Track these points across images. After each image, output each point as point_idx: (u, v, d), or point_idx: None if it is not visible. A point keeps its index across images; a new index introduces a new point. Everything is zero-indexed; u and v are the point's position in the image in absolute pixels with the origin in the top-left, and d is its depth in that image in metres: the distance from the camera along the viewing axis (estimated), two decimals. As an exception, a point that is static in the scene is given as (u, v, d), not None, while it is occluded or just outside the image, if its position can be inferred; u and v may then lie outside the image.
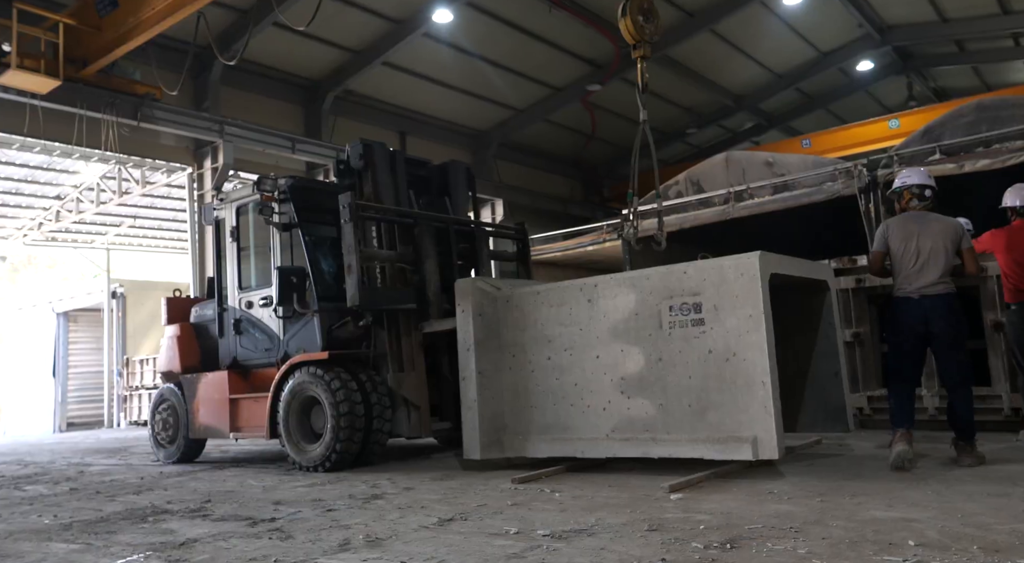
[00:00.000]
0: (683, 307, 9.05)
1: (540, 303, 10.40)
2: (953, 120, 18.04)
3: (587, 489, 8.49)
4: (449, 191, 13.48)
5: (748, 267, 8.63)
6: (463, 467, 10.83)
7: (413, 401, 11.53)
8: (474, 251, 13.46)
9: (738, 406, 8.52)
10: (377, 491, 9.23)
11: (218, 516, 8.10)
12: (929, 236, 9.32)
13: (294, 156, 25.37)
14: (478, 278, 11.60)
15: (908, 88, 36.47)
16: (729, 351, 8.64)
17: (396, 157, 12.82)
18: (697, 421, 8.84)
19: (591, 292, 9.92)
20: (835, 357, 10.13)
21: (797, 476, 8.64)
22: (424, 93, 29.78)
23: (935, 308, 9.16)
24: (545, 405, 10.21)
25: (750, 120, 38.45)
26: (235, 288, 13.40)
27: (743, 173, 21.69)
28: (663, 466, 9.60)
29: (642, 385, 9.34)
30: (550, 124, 34.49)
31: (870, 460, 9.56)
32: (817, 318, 10.29)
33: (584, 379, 9.88)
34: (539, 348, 10.32)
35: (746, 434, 8.40)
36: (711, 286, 8.87)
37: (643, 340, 9.36)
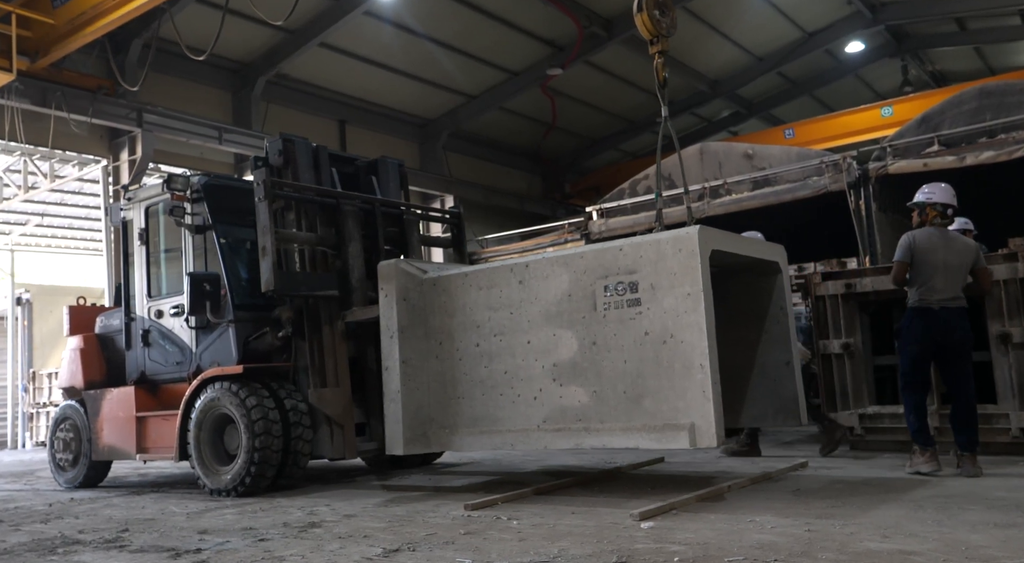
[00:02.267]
0: (619, 286, 9.16)
1: (468, 286, 10.45)
2: (953, 107, 18.09)
3: (548, 516, 8.43)
4: (380, 189, 13.46)
5: (687, 242, 8.74)
6: (386, 489, 10.83)
7: (336, 419, 11.46)
8: (403, 236, 13.42)
9: (675, 392, 8.64)
10: (314, 518, 9.14)
11: (136, 547, 7.98)
12: (953, 253, 10.29)
13: (221, 147, 25.19)
14: (403, 260, 11.48)
15: (903, 72, 36.69)
16: (666, 333, 8.76)
17: (320, 153, 12.81)
18: (633, 408, 8.96)
19: (522, 273, 10.00)
20: (787, 345, 10.44)
21: (781, 503, 8.60)
22: (366, 78, 29.69)
23: (953, 320, 10.15)
24: (473, 395, 10.28)
25: (727, 108, 38.63)
26: (144, 296, 13.32)
27: (719, 166, 21.76)
28: (632, 491, 9.59)
29: (575, 372, 9.43)
30: (506, 112, 34.51)
31: (863, 485, 9.51)
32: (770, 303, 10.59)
33: (515, 366, 9.96)
34: (467, 334, 10.39)
35: (683, 421, 8.53)
36: (648, 263, 8.96)
37: (576, 323, 9.46)
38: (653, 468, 12.01)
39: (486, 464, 13.82)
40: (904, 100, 29.81)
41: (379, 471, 13.57)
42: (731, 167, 21.36)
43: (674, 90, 35.33)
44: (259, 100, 27.19)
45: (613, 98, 35.14)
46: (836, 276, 12.97)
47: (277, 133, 13.17)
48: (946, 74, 38.09)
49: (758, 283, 10.57)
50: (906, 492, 8.86)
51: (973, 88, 18.72)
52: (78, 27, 19.22)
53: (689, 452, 13.29)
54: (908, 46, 35.49)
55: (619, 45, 30.26)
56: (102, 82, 22.23)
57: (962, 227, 13.78)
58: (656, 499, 8.84)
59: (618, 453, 13.52)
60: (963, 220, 13.82)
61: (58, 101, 21.45)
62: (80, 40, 19.52)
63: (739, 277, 10.49)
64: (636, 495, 9.38)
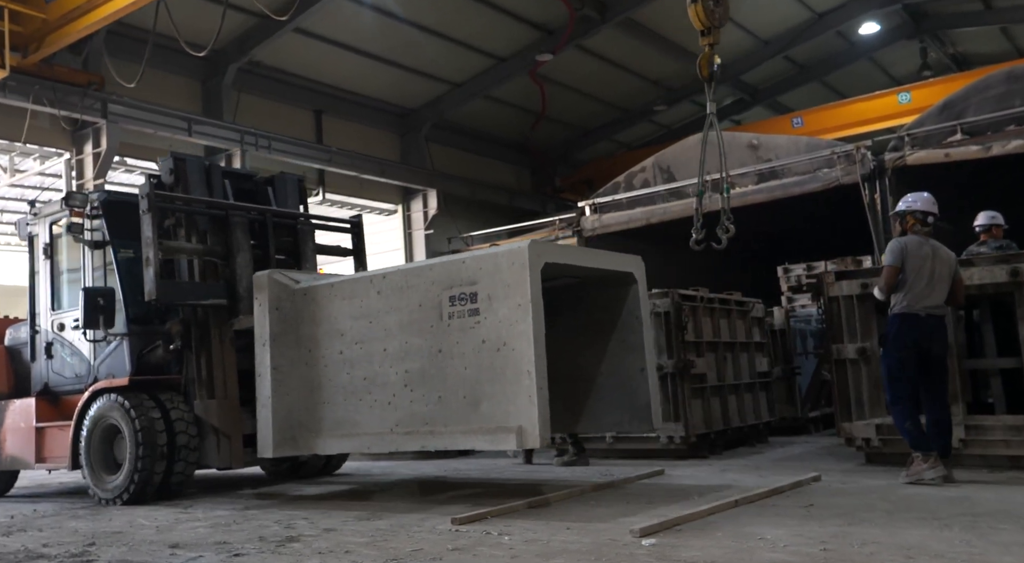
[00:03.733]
0: (461, 297, 10.19)
1: (334, 296, 11.53)
2: (978, 93, 18.00)
3: (541, 531, 8.41)
4: (277, 201, 14.35)
5: (519, 256, 9.75)
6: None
7: (223, 430, 12.49)
8: (297, 246, 14.28)
9: (507, 396, 9.64)
10: (292, 532, 9.16)
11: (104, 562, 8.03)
12: (940, 262, 10.96)
13: (191, 139, 24.97)
14: (276, 270, 12.48)
15: (922, 55, 36.36)
16: (500, 341, 9.77)
17: (212, 171, 13.65)
18: (471, 412, 9.99)
19: (380, 284, 11.07)
20: (641, 352, 11.28)
21: (793, 519, 8.52)
22: (344, 65, 29.56)
23: (938, 328, 10.95)
24: (336, 400, 11.31)
25: (730, 95, 38.53)
26: (48, 309, 14.21)
27: (722, 158, 21.78)
28: (631, 505, 9.55)
29: (424, 378, 10.48)
30: (492, 101, 34.40)
31: (881, 501, 9.41)
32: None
33: (373, 373, 10.99)
34: (332, 342, 11.42)
35: (513, 424, 9.53)
36: (486, 276, 9.99)
37: (426, 332, 10.50)
38: (652, 481, 11.98)
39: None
40: (923, 85, 29.74)
41: (279, 479, 14.71)
42: (734, 159, 21.28)
43: (672, 76, 35.42)
44: (230, 89, 27.07)
45: (607, 85, 35.08)
46: (851, 275, 12.76)
47: (251, 124, 13.45)
48: (969, 57, 37.87)
49: (617, 293, 11.44)
50: (930, 509, 8.74)
51: (1000, 71, 18.61)
52: (70, 21, 19.65)
53: (692, 464, 13.35)
54: (927, 26, 35.24)
55: (614, 28, 30.22)
56: (92, 77, 22.31)
57: (990, 222, 13.80)
58: (657, 514, 8.83)
59: (614, 467, 13.52)
60: (992, 214, 13.82)
61: (49, 98, 21.61)
62: (73, 35, 20.00)
63: (598, 287, 11.50)
64: (635, 509, 9.37)
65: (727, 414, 15.49)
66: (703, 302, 15.32)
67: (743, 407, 16.06)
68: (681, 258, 28.35)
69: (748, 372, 16.40)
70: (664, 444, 14.31)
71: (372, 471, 15.27)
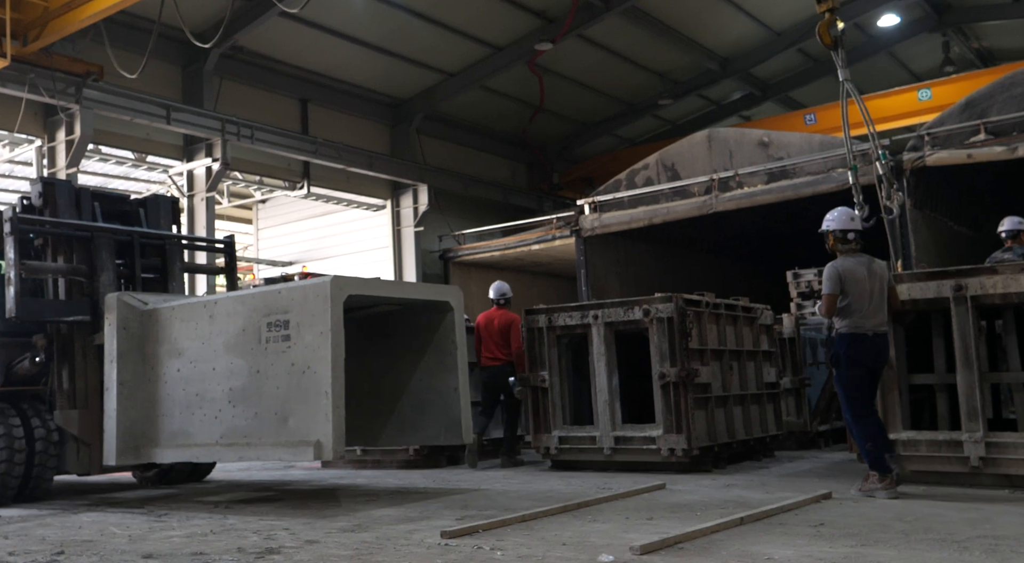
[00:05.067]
0: (276, 324, 11.77)
1: (175, 318, 13.11)
2: (1003, 90, 17.94)
3: (536, 547, 8.39)
4: (148, 222, 15.52)
5: (322, 289, 11.31)
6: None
7: (84, 438, 13.69)
8: (165, 265, 15.49)
9: (309, 414, 11.19)
10: (272, 543, 9.15)
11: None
12: (876, 278, 11.58)
13: (169, 127, 25.08)
14: (126, 293, 13.97)
15: (944, 49, 36.31)
16: (306, 364, 11.34)
17: (82, 195, 14.82)
18: (281, 427, 11.53)
19: (212, 308, 12.68)
20: (455, 373, 13.01)
21: (802, 539, 8.49)
22: (332, 52, 29.57)
23: (884, 345, 11.64)
24: (173, 413, 12.85)
25: (739, 89, 38.63)
26: None
27: (729, 156, 21.81)
28: (630, 520, 9.52)
29: (245, 395, 12.01)
30: (488, 92, 34.44)
31: (896, 521, 9.38)
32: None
33: (204, 389, 12.50)
34: (172, 360, 13.00)
35: (312, 438, 11.09)
36: (297, 305, 11.59)
37: (247, 354, 12.06)
38: (653, 495, 11.94)
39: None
40: (945, 82, 29.71)
41: (148, 485, 15.82)
42: (743, 156, 21.37)
43: (679, 68, 35.46)
44: (212, 76, 27.08)
45: (609, 77, 35.10)
46: None
47: (233, 112, 13.69)
48: (995, 52, 37.86)
49: (440, 319, 13.21)
50: (949, 530, 8.69)
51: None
52: (72, 9, 20.08)
53: (695, 478, 13.36)
54: (951, 19, 35.09)
55: (618, 17, 30.22)
56: (91, 67, 22.46)
57: (1016, 227, 13.83)
58: (658, 531, 8.81)
59: (613, 480, 13.51)
60: (1018, 219, 13.84)
61: (48, 87, 21.95)
62: (75, 24, 20.48)
63: (421, 314, 13.33)
64: (634, 525, 9.35)
65: (732, 426, 15.43)
66: (709, 308, 15.27)
67: (749, 419, 16.00)
68: (685, 261, 28.59)
69: (755, 382, 16.32)
70: (665, 457, 14.25)
71: (356, 480, 15.26)
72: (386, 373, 13.58)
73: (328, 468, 17.62)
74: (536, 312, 15.74)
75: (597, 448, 14.90)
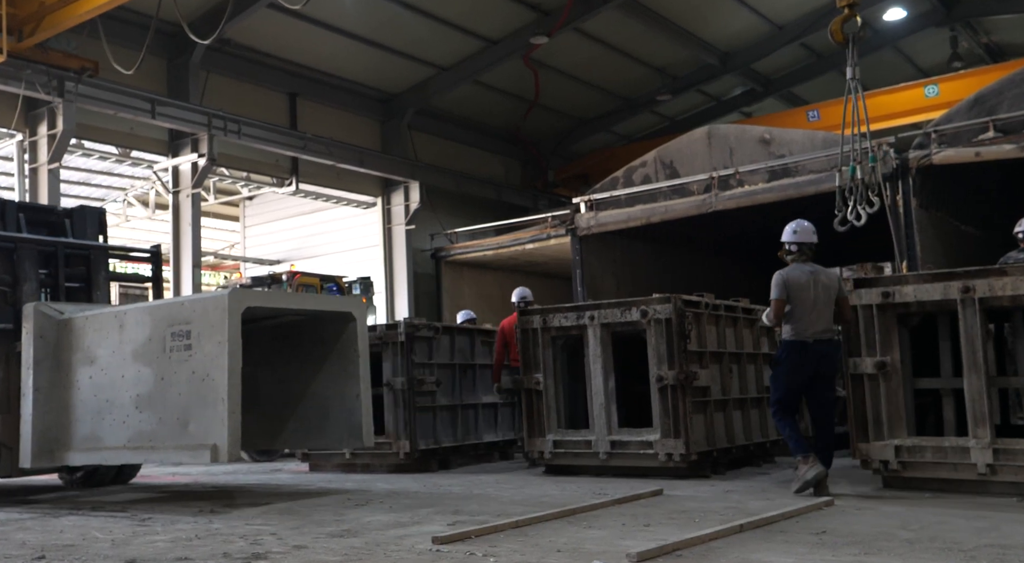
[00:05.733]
0: (180, 334, 12.61)
1: (88, 327, 13.86)
2: (1013, 87, 17.87)
3: (530, 554, 8.36)
4: (75, 233, 16.27)
5: (220, 302, 12.24)
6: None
7: (6, 442, 14.33)
8: (90, 274, 16.23)
9: (207, 419, 12.07)
10: (259, 548, 9.12)
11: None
12: (821, 288, 12.55)
13: (154, 121, 25.09)
14: (43, 303, 14.78)
15: (952, 44, 36.12)
16: (205, 372, 12.20)
17: (7, 207, 15.59)
18: (182, 432, 12.40)
19: (122, 318, 13.47)
20: (357, 380, 13.96)
21: (804, 547, 8.46)
22: (322, 45, 29.54)
23: (826, 353, 12.67)
24: (85, 418, 13.60)
25: (740, 84, 38.63)
26: None
27: (730, 153, 21.79)
28: (627, 527, 9.47)
29: (151, 401, 12.85)
30: (481, 87, 34.42)
31: (901, 529, 9.33)
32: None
33: (113, 396, 13.30)
34: (85, 368, 13.76)
35: (209, 442, 11.97)
36: (199, 316, 12.47)
37: (153, 362, 12.90)
38: (650, 501, 11.91)
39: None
40: (953, 77, 29.60)
41: (75, 487, 16.32)
42: (744, 154, 21.34)
43: (678, 63, 35.46)
44: (198, 69, 27.05)
45: (607, 72, 35.09)
46: (871, 283, 12.52)
47: (220, 106, 13.85)
48: (1004, 47, 37.71)
49: (343, 329, 14.12)
50: (955, 539, 8.65)
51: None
52: (68, 4, 20.39)
53: (693, 484, 13.37)
54: (959, 13, 34.89)
55: (615, 10, 30.19)
56: (86, 62, 22.61)
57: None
58: (655, 537, 8.78)
59: (608, 485, 13.49)
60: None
61: (33, 80, 22.00)
62: (73, 20, 20.86)
63: (328, 323, 14.23)
64: (631, 532, 9.33)
65: (732, 431, 15.42)
66: (708, 309, 15.24)
67: (749, 424, 15.99)
68: (683, 261, 28.57)
69: (755, 386, 16.32)
70: (663, 462, 14.23)
71: (345, 484, 15.28)
72: (295, 379, 14.59)
73: (316, 472, 17.70)
74: (530, 313, 15.72)
75: (592, 453, 14.88)
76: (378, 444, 16.57)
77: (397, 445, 16.83)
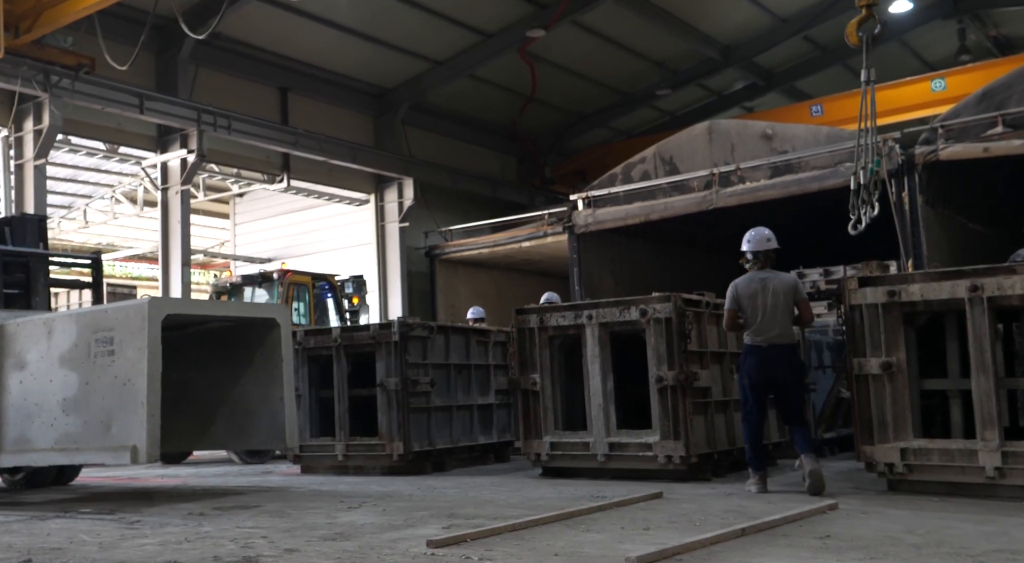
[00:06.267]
0: (103, 340, 13.20)
1: (19, 333, 14.44)
2: (1023, 81, 17.86)
3: (527, 558, 8.32)
4: (14, 240, 17.04)
5: (141, 309, 12.89)
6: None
7: None
8: (29, 281, 16.90)
9: (128, 422, 12.70)
10: (250, 551, 9.06)
11: (41, 582, 7.98)
12: (771, 294, 13.12)
13: (143, 117, 25.07)
14: None
15: (960, 37, 36.10)
16: (127, 377, 12.82)
17: None
18: (105, 434, 13.02)
19: (51, 325, 14.06)
20: (281, 384, 14.65)
21: (807, 551, 8.42)
22: (313, 38, 29.51)
23: (778, 357, 13.12)
24: (16, 422, 14.21)
25: (741, 78, 38.58)
26: None
27: (731, 149, 21.77)
28: (626, 530, 9.45)
29: (76, 405, 13.44)
30: (477, 81, 34.39)
31: (907, 533, 9.27)
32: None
33: (42, 399, 13.88)
34: (16, 373, 14.35)
35: (129, 444, 12.61)
36: (120, 324, 13.09)
37: (79, 367, 13.47)
38: (649, 504, 11.87)
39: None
40: (960, 71, 29.58)
41: (18, 489, 16.83)
42: (745, 150, 21.32)
43: (678, 57, 35.41)
44: (187, 63, 27.02)
45: (605, 66, 35.08)
46: (877, 282, 12.49)
47: (210, 101, 13.91)
48: (1013, 40, 37.73)
49: (268, 335, 14.81)
50: (964, 544, 8.61)
51: (1049, 57, 18.51)
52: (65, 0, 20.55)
53: (694, 487, 13.37)
54: (967, 5, 34.91)
55: (613, 2, 30.14)
56: (83, 59, 22.78)
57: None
58: (655, 541, 8.73)
59: (607, 488, 13.47)
60: None
61: (40, 81, 22.29)
62: (70, 16, 21.15)
63: (254, 329, 14.93)
64: (630, 535, 9.28)
65: (733, 433, 15.31)
66: (709, 308, 15.18)
67: (751, 426, 15.96)
68: (683, 259, 28.57)
69: (757, 387, 16.28)
70: (662, 464, 14.18)
71: (338, 487, 15.28)
72: (225, 382, 15.27)
73: (307, 474, 17.67)
74: (527, 312, 15.65)
75: (590, 455, 14.82)
76: (371, 446, 16.94)
77: (391, 447, 16.71)
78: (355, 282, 26.90)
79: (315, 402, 17.93)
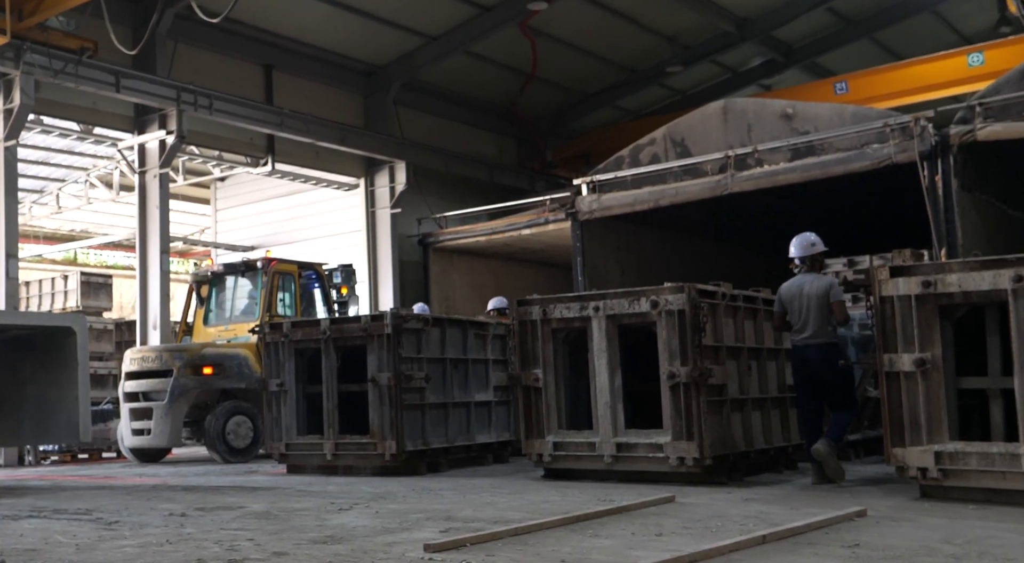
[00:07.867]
0: None
1: None
2: (1069, 54, 17.77)
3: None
4: None
5: None
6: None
7: None
8: None
9: None
10: (236, 555, 9.02)
11: (13, 586, 7.93)
12: (806, 297, 14.72)
13: (119, 96, 25.03)
14: None
15: (1000, 7, 35.38)
16: None
17: None
18: None
19: None
20: (76, 385, 16.53)
21: (835, 560, 8.31)
22: (300, 12, 29.47)
23: (811, 356, 14.78)
24: None
25: (759, 54, 38.43)
26: None
27: (748, 129, 21.66)
28: (636, 536, 9.40)
29: None
30: (474, 58, 34.33)
31: (944, 543, 9.11)
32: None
33: None
34: None
35: None
36: None
37: None
38: (661, 509, 11.81)
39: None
40: (1000, 44, 29.34)
41: None
42: (764, 130, 21.21)
43: (690, 31, 35.29)
44: (165, 38, 26.93)
45: (611, 41, 34.95)
46: (910, 271, 12.27)
47: (190, 78, 13.78)
48: (1062, 10, 37.35)
49: (68, 340, 16.55)
50: (1005, 555, 8.45)
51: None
52: None
53: (708, 491, 13.25)
54: (1008, -28, 34.61)
55: (621, -25, 30.10)
56: (86, 43, 23.20)
57: None
58: (668, 548, 8.68)
59: (614, 491, 13.39)
60: None
61: (42, 64, 22.62)
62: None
63: (57, 335, 16.72)
64: (641, 542, 9.24)
65: (750, 433, 15.30)
66: (725, 300, 15.09)
67: (769, 426, 15.87)
68: (695, 248, 28.51)
69: (776, 384, 16.23)
70: (674, 466, 14.10)
71: (327, 487, 15.35)
72: (31, 384, 17.24)
73: (294, 474, 17.78)
74: (529, 303, 15.55)
75: (596, 455, 14.77)
76: (362, 444, 16.92)
77: (383, 446, 16.68)
78: (344, 271, 26.81)
79: (302, 398, 17.84)
